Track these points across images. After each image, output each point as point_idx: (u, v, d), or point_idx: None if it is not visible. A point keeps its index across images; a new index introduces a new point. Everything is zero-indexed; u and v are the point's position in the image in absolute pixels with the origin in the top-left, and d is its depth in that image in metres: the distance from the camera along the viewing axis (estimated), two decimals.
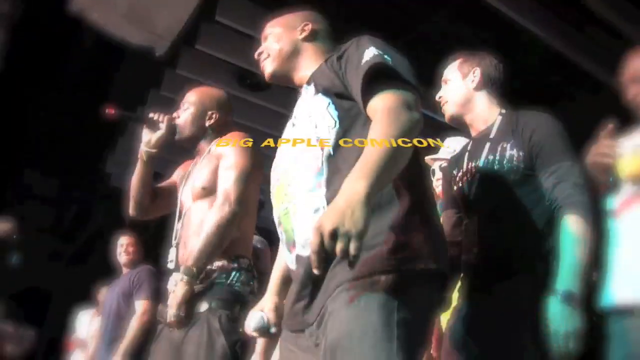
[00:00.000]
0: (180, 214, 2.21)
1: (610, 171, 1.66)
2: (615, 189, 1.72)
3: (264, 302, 1.68)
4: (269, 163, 1.61)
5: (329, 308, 1.27)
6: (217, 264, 2.04)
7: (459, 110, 1.95)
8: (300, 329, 1.39)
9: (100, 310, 4.20)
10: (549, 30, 3.86)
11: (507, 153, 1.76)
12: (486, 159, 1.81)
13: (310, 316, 1.34)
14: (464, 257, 1.83)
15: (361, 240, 1.08)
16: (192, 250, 2.03)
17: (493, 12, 3.65)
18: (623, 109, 1.81)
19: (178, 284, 1.97)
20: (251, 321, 1.64)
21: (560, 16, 3.83)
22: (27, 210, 6.79)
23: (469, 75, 1.94)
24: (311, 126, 1.42)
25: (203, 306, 1.99)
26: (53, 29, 4.46)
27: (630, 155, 1.71)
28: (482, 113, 1.92)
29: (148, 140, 2.23)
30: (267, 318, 1.63)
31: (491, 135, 1.85)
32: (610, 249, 1.70)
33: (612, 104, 1.88)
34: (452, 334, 1.81)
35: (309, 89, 1.51)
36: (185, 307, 1.96)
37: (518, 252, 1.71)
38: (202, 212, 2.11)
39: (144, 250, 4.07)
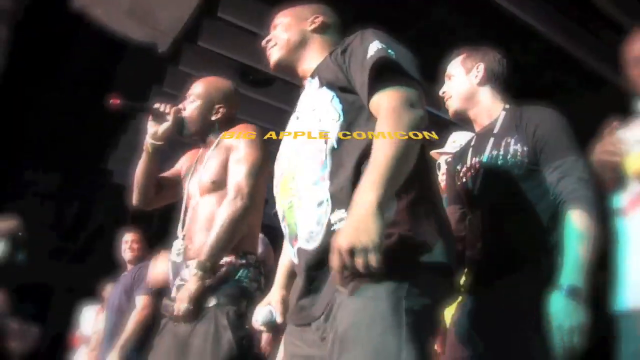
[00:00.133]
0: (186, 206, 2.18)
1: (618, 169, 1.65)
2: (623, 186, 1.70)
3: (271, 296, 1.70)
4: (271, 158, 1.61)
5: (337, 300, 1.28)
6: (226, 260, 2.03)
7: (462, 105, 1.95)
8: (306, 323, 1.39)
9: (105, 307, 4.21)
10: (550, 26, 3.87)
11: (511, 148, 1.76)
12: (490, 154, 1.81)
13: (317, 309, 1.35)
14: (468, 252, 1.83)
15: (379, 251, 1.12)
16: (201, 245, 2.02)
17: (495, 8, 3.66)
18: (625, 105, 1.80)
19: (191, 279, 1.96)
20: (259, 315, 1.66)
21: (562, 11, 3.83)
22: (28, 207, 6.79)
23: (473, 70, 1.94)
24: (315, 119, 1.42)
25: (211, 301, 1.98)
26: (55, 25, 4.46)
27: (637, 153, 1.69)
28: (486, 108, 1.92)
29: (154, 132, 2.18)
30: (275, 312, 1.65)
31: (495, 131, 1.85)
32: (618, 248, 1.67)
33: (615, 100, 1.87)
34: (457, 329, 1.81)
35: (313, 82, 1.51)
36: (195, 302, 1.95)
37: (522, 247, 1.71)
38: (211, 207, 2.09)
39: (148, 246, 4.08)
